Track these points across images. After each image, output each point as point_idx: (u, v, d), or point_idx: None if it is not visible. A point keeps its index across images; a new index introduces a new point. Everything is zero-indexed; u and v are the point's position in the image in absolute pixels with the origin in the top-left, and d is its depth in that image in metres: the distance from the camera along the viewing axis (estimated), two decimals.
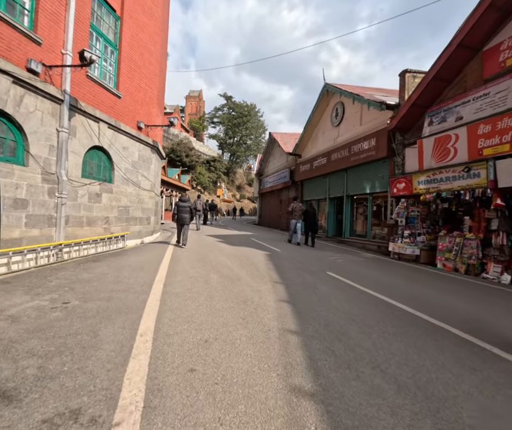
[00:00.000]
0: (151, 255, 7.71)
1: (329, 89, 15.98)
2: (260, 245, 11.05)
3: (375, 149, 12.09)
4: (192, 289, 4.72)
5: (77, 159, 7.79)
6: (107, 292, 4.45)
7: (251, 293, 4.62)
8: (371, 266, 8.01)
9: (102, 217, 8.71)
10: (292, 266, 7.01)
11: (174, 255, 7.91)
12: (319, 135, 17.78)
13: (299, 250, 10.42)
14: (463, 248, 7.99)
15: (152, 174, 11.54)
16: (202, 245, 10.12)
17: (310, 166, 18.07)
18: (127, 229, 9.87)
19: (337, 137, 15.65)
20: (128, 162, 9.94)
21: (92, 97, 8.28)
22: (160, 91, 12.41)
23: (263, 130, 64.45)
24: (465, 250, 7.95)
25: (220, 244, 10.52)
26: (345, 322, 3.61)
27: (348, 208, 14.84)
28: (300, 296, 4.61)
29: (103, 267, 6.15)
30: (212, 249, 9.15)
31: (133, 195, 10.25)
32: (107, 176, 9.15)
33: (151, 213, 11.45)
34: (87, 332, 3.11)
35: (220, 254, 8.26)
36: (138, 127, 10.48)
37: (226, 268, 6.37)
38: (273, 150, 26.25)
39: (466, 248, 7.94)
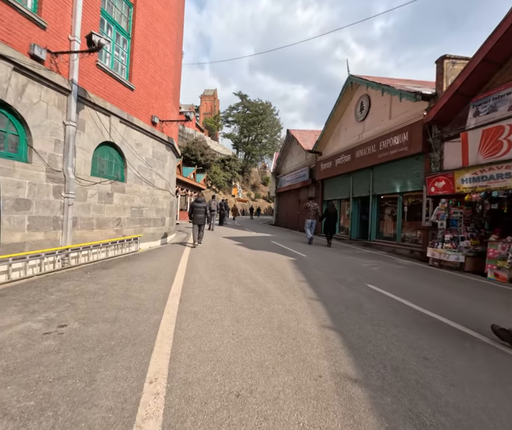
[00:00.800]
0: (165, 261, 7.00)
1: (354, 82, 14.94)
2: (282, 248, 10.20)
3: (408, 144, 11.02)
4: (214, 308, 3.93)
5: (86, 156, 7.16)
6: (113, 311, 3.72)
7: (285, 315, 3.78)
8: (413, 275, 7.04)
9: (113, 219, 8.07)
10: (325, 276, 6.13)
11: (191, 260, 7.17)
12: (342, 131, 16.76)
13: (326, 254, 9.52)
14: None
15: (167, 173, 10.88)
16: (220, 248, 9.36)
17: (332, 164, 17.07)
18: (140, 231, 9.23)
19: (362, 133, 14.61)
20: (141, 159, 9.29)
21: (103, 89, 7.64)
22: (175, 84, 11.75)
23: (278, 128, 63.41)
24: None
25: (239, 248, 9.73)
26: (418, 362, 2.73)
27: (374, 209, 13.78)
28: (345, 319, 3.74)
29: (112, 276, 5.46)
30: (231, 253, 8.37)
31: (147, 195, 9.60)
32: (119, 174, 8.52)
33: (166, 214, 10.79)
34: (81, 374, 2.37)
35: (240, 260, 7.47)
36: (152, 122, 9.83)
37: (250, 279, 5.57)
38: (290, 148, 25.32)
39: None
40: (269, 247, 10.33)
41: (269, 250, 9.46)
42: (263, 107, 60.62)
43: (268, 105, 61.23)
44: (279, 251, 9.31)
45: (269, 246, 10.76)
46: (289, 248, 10.46)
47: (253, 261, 7.28)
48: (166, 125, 10.66)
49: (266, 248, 9.90)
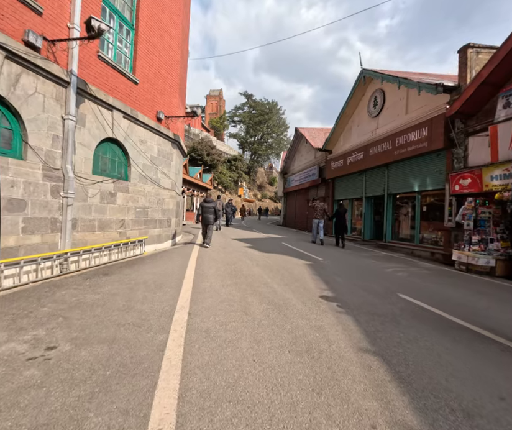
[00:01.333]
0: (172, 266, 6.48)
1: (367, 76, 14.30)
2: (295, 251, 9.62)
3: (427, 140, 10.37)
4: (228, 324, 3.39)
5: (87, 153, 6.68)
6: (111, 328, 3.20)
7: (312, 333, 3.22)
8: (444, 282, 6.40)
9: (116, 220, 7.59)
10: (348, 283, 5.55)
11: (199, 265, 6.64)
12: (354, 128, 16.12)
13: (343, 258, 8.92)
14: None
15: (173, 172, 10.38)
16: (229, 251, 8.82)
17: (343, 162, 16.43)
18: (145, 233, 8.74)
19: (376, 129, 13.96)
20: (146, 157, 8.81)
21: (105, 82, 7.16)
22: (181, 80, 11.25)
23: (284, 127, 62.72)
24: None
25: (249, 250, 9.18)
26: (494, 404, 2.15)
27: (389, 208, 13.13)
28: (384, 339, 3.17)
29: (113, 284, 4.95)
30: (241, 257, 7.82)
31: (152, 194, 9.11)
32: (123, 173, 8.04)
33: (172, 214, 10.30)
34: (65, 422, 1.84)
35: (252, 264, 6.92)
36: (157, 118, 9.34)
37: (265, 287, 5.01)
38: (299, 147, 24.71)
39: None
40: (281, 249, 9.77)
41: (282, 253, 8.89)
42: (269, 106, 60.03)
43: (274, 105, 60.63)
44: (292, 254, 8.73)
45: (281, 248, 10.19)
46: (303, 250, 9.88)
47: (266, 266, 6.72)
48: (172, 122, 10.16)
49: (278, 251, 9.33)
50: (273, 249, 9.75)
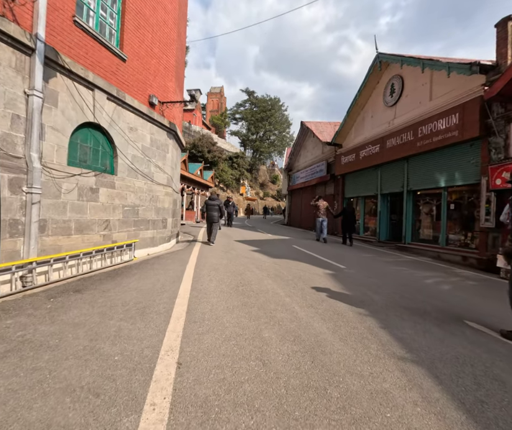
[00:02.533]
0: (164, 277, 5.24)
1: (383, 61, 13.01)
2: (309, 256, 8.36)
3: (458, 128, 9.10)
4: (239, 388, 2.16)
5: (61, 139, 5.45)
6: (51, 397, 1.97)
7: (380, 409, 1.98)
8: (502, 297, 5.14)
9: (99, 221, 6.37)
10: (390, 303, 4.27)
11: (198, 275, 5.41)
12: (367, 119, 14.83)
13: (366, 264, 7.67)
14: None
15: (169, 165, 9.15)
16: (234, 256, 7.58)
17: (355, 156, 15.16)
18: (135, 236, 7.52)
19: (393, 119, 12.68)
20: (136, 148, 7.58)
21: (84, 54, 5.93)
22: (178, 63, 10.01)
23: (287, 124, 61.45)
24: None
25: (256, 255, 7.93)
26: None
27: (409, 206, 11.86)
28: (498, 422, 1.92)
29: (82, 307, 3.73)
30: (249, 264, 6.58)
31: (144, 191, 7.89)
32: (108, 165, 6.82)
33: (167, 214, 9.07)
34: None
35: (263, 274, 5.68)
36: (150, 103, 8.10)
37: (284, 310, 3.77)
38: (304, 142, 23.43)
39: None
40: (293, 254, 8.51)
41: (295, 258, 7.64)
42: (272, 102, 58.77)
43: (276, 101, 59.36)
44: (307, 260, 7.48)
45: (293, 252, 8.94)
46: (317, 254, 8.62)
47: (280, 277, 5.48)
48: (167, 109, 8.92)
49: (290, 256, 8.08)
50: (283, 253, 8.50)
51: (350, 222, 12.46)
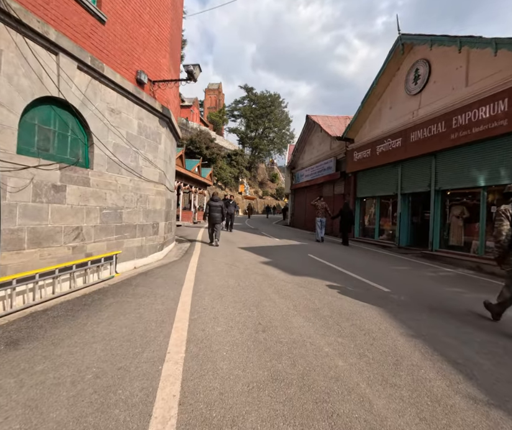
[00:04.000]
0: (148, 314, 3.68)
1: (407, 43, 11.50)
2: (334, 271, 6.76)
3: (508, 116, 7.62)
4: None
5: (6, 117, 3.90)
6: None
7: None
8: None
9: (67, 229, 4.82)
10: (503, 373, 2.77)
11: (197, 309, 3.88)
12: (385, 110, 13.33)
13: (411, 282, 6.16)
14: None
15: (161, 159, 7.61)
16: (242, 272, 6.03)
17: (370, 152, 13.67)
18: (117, 246, 5.98)
19: (418, 109, 11.20)
20: (120, 135, 6.04)
21: (43, 4, 4.36)
22: (173, 38, 8.44)
23: (287, 121, 59.88)
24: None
25: (270, 270, 6.37)
26: None
27: (437, 208, 10.40)
28: None
29: (3, 385, 2.18)
30: (264, 287, 5.02)
31: (130, 189, 6.34)
32: (80, 155, 5.27)
33: (159, 217, 7.52)
34: None
35: (288, 306, 4.12)
36: (137, 81, 6.55)
37: (347, 395, 2.24)
38: (310, 137, 21.91)
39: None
40: (312, 268, 6.96)
41: (319, 276, 6.07)
42: (271, 98, 57.16)
43: (276, 97, 57.79)
44: (335, 278, 5.91)
45: (311, 265, 7.39)
46: (342, 268, 7.06)
47: (313, 312, 3.93)
48: (159, 89, 7.36)
49: (310, 271, 6.51)
50: (301, 267, 6.94)
51: (348, 222, 12.85)
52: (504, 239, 3.59)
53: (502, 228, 3.61)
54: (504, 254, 3.66)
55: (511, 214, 3.63)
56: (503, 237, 3.59)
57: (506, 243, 3.58)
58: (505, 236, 3.58)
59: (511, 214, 3.63)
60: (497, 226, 3.68)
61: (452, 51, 9.53)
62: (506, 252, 3.62)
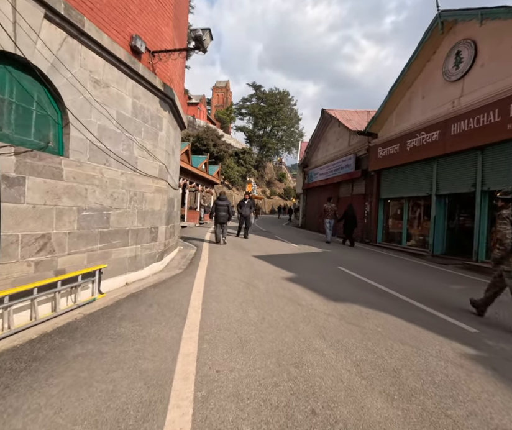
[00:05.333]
0: (128, 382, 2.30)
1: (448, 21, 9.97)
2: (381, 293, 5.29)
3: None
4: None
5: None
6: None
7: None
8: None
9: (28, 238, 3.48)
10: None
11: (207, 364, 2.53)
12: (416, 100, 11.80)
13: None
14: None
15: (162, 149, 6.26)
16: (265, 296, 4.55)
17: (399, 147, 12.16)
18: (103, 257, 4.63)
19: (460, 97, 9.67)
20: (108, 115, 4.69)
21: None
22: (179, 4, 7.06)
23: (296, 119, 58.20)
24: None
25: (298, 291, 4.91)
26: None
27: (484, 212, 8.89)
28: None
29: None
30: (295, 319, 3.61)
31: (120, 185, 4.98)
32: (51, 138, 3.94)
33: (159, 219, 6.16)
34: None
35: (343, 363, 2.71)
36: (132, 49, 5.20)
37: None
38: (325, 134, 20.41)
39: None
40: (351, 287, 5.41)
41: (365, 301, 4.58)
42: (280, 96, 55.58)
43: (285, 95, 56.16)
44: (389, 308, 4.36)
45: (348, 282, 5.88)
46: (388, 288, 5.60)
47: (386, 372, 2.51)
48: (160, 64, 6.00)
49: (351, 294, 4.94)
50: (337, 287, 5.37)
51: (351, 224, 12.86)
52: (508, 242, 3.80)
53: (507, 232, 3.82)
54: (505, 255, 3.88)
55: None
56: (508, 241, 3.80)
57: (509, 246, 3.80)
58: (510, 239, 3.79)
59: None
60: (501, 230, 3.90)
61: (509, 26, 8.01)
62: (508, 254, 3.85)
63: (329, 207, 13.54)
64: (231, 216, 10.49)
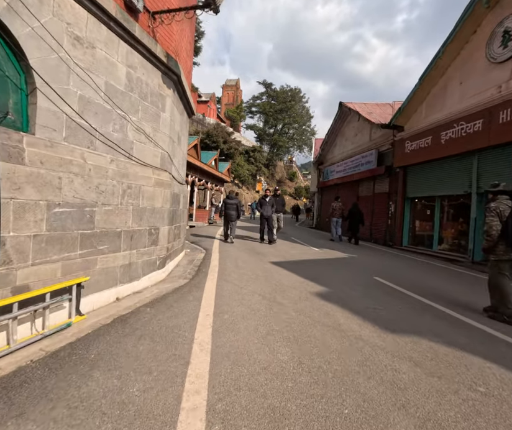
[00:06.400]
0: None
1: None
2: (439, 314, 4.15)
3: None
4: None
5: None
6: None
7: None
8: None
9: None
10: None
11: None
12: (452, 86, 10.49)
13: None
14: None
15: (165, 134, 5.21)
16: (293, 322, 3.34)
17: (431, 140, 10.87)
18: (84, 268, 3.59)
19: (509, 80, 8.36)
20: (93, 85, 3.65)
21: None
22: None
23: (308, 117, 56.77)
24: None
25: (338, 314, 3.65)
26: None
27: None
28: None
29: None
30: (348, 366, 2.49)
31: (110, 175, 3.93)
32: (10, 107, 2.91)
33: (160, 219, 5.10)
34: None
35: None
36: (126, 4, 4.14)
37: None
38: (342, 128, 19.15)
39: None
40: (405, 310, 4.11)
41: (431, 331, 3.41)
42: (292, 93, 54.25)
43: (297, 92, 54.81)
44: (473, 346, 3.22)
45: (396, 300, 4.61)
46: (455, 312, 4.37)
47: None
48: (163, 29, 4.95)
49: (408, 319, 3.71)
50: (385, 308, 4.17)
51: (356, 223, 12.90)
52: (495, 233, 4.04)
53: (494, 224, 4.06)
54: (493, 246, 4.10)
55: (500, 211, 4.08)
56: (494, 232, 4.04)
57: (495, 236, 4.04)
58: (496, 231, 4.03)
59: (500, 210, 4.09)
60: (488, 222, 4.12)
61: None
62: (495, 244, 4.08)
63: (337, 205, 13.64)
64: (240, 215, 10.45)
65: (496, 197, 4.25)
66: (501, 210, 4.04)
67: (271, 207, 10.57)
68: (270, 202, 10.64)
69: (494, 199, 4.24)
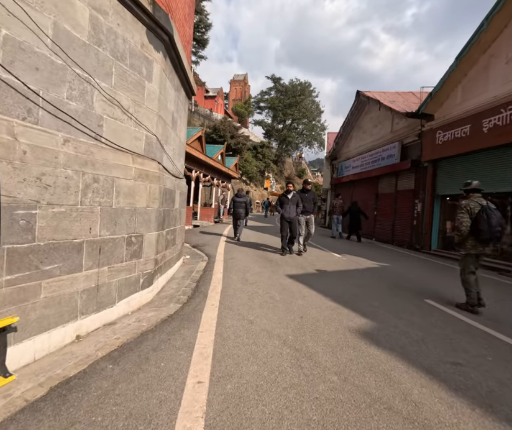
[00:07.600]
0: None
1: None
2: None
3: None
4: None
5: None
6: None
7: None
8: None
9: None
10: None
11: None
12: (496, 66, 9.00)
13: None
14: None
15: (152, 111, 3.94)
16: (337, 396, 2.14)
17: (469, 130, 9.41)
18: (15, 300, 2.34)
19: None
20: (29, 22, 2.35)
21: None
22: None
23: (318, 112, 54.98)
24: None
25: (409, 384, 2.28)
26: None
27: None
28: None
29: None
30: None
31: (62, 162, 2.68)
32: None
33: (144, 223, 3.84)
34: None
35: None
36: None
37: None
38: (359, 120, 17.67)
39: None
40: (497, 368, 2.83)
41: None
42: (301, 87, 52.55)
43: (306, 86, 53.03)
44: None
45: (475, 346, 3.38)
46: None
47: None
48: None
49: None
50: (471, 365, 2.72)
51: (356, 220, 13.11)
52: (464, 230, 4.27)
53: (463, 220, 4.28)
54: (463, 241, 4.37)
55: (471, 208, 4.29)
56: (464, 227, 4.27)
57: (465, 232, 4.28)
58: (465, 227, 4.26)
59: (470, 208, 4.29)
60: (459, 218, 4.35)
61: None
62: (465, 239, 4.34)
63: (337, 203, 13.97)
64: (248, 213, 10.95)
65: (468, 196, 4.49)
66: (471, 207, 4.27)
67: (296, 207, 7.71)
68: (294, 200, 7.72)
69: (467, 197, 4.48)
